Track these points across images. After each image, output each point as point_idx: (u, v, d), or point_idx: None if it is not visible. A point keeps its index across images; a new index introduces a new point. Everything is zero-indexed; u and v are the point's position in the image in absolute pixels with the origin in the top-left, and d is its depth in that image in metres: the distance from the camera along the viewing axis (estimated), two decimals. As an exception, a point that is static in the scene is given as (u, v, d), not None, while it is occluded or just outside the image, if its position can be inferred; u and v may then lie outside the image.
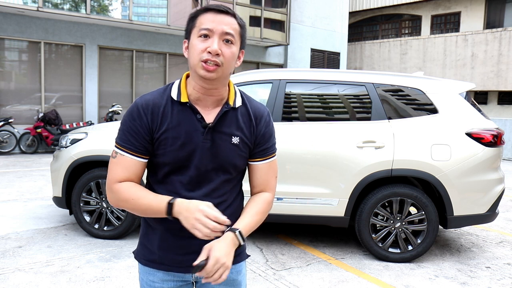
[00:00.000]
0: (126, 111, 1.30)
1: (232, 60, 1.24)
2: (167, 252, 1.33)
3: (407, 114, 3.95)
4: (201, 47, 1.20)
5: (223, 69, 1.22)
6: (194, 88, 1.28)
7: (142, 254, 1.39)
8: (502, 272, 3.74)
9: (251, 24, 13.42)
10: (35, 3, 9.90)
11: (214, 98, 1.29)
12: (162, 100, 1.28)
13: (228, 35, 1.22)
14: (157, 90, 1.32)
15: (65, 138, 4.48)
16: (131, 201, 1.24)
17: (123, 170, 1.26)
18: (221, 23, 1.21)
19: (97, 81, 11.74)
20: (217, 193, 1.32)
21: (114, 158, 1.28)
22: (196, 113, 1.27)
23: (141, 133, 1.25)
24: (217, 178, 1.31)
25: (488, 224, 5.17)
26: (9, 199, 5.74)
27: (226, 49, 1.22)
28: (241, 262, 1.43)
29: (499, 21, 16.66)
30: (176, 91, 1.29)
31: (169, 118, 1.26)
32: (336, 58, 16.77)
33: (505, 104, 15.99)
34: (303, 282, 3.39)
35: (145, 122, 1.25)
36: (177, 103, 1.28)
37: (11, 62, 10.75)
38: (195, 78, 1.26)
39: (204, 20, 1.22)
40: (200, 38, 1.21)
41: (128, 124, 1.26)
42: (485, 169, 3.81)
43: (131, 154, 1.26)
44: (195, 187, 1.29)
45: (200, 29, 1.21)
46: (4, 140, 10.18)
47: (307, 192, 3.89)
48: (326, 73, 4.21)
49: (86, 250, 3.92)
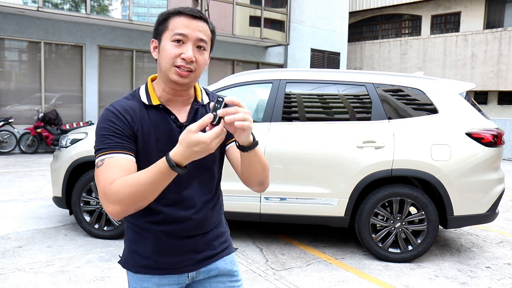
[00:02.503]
0: (100, 119, 1.23)
1: (204, 66, 1.26)
2: (163, 255, 1.31)
3: (407, 114, 3.95)
4: (175, 53, 1.20)
5: (195, 74, 1.23)
6: (164, 90, 1.27)
7: (133, 261, 1.33)
8: (502, 272, 3.74)
9: (251, 24, 13.41)
10: (35, 3, 9.90)
11: (183, 98, 1.31)
12: (135, 104, 1.26)
13: (201, 42, 1.22)
14: (124, 96, 1.30)
15: (65, 138, 4.48)
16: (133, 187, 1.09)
17: (114, 172, 1.14)
18: (195, 29, 1.21)
19: (97, 81, 11.74)
20: (204, 189, 1.33)
21: (100, 167, 1.16)
22: (169, 114, 1.27)
23: (125, 132, 1.20)
24: (200, 174, 1.31)
25: (488, 224, 5.17)
26: (9, 199, 5.74)
27: (199, 55, 1.23)
28: (232, 253, 1.45)
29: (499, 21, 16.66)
30: (145, 95, 1.28)
31: (146, 121, 1.25)
32: (336, 58, 16.77)
33: (505, 104, 15.99)
34: (303, 282, 3.39)
35: (126, 123, 1.21)
36: (149, 106, 1.27)
37: (11, 62, 10.75)
38: (165, 81, 1.25)
39: (178, 24, 1.21)
40: (173, 43, 1.20)
41: (108, 128, 1.19)
42: (485, 169, 3.81)
43: (120, 153, 1.17)
44: (182, 187, 1.28)
45: (174, 33, 1.20)
46: (4, 140, 10.18)
47: (307, 192, 3.89)
48: (326, 73, 4.21)
49: (86, 250, 3.92)
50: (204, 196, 1.33)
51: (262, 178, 1.29)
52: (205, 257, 1.36)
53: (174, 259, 1.32)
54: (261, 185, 1.31)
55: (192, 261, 1.34)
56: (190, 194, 1.30)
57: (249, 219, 4.03)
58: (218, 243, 1.40)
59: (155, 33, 1.26)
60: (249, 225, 4.85)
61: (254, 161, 1.22)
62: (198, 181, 1.31)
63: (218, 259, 1.39)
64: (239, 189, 3.92)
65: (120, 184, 1.11)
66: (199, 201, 1.31)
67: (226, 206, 3.93)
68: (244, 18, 13.28)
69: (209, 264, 1.37)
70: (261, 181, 1.30)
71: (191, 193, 1.30)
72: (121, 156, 1.17)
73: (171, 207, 1.28)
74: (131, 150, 1.20)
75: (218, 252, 1.40)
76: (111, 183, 1.12)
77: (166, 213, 1.28)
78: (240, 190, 3.91)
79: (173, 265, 1.32)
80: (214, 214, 1.37)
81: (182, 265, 1.33)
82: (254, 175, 1.27)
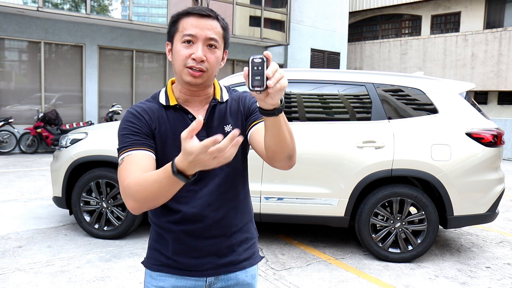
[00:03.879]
0: (121, 121, 1.27)
1: (217, 65, 1.25)
2: (182, 255, 1.29)
3: (407, 114, 3.95)
4: (185, 54, 1.20)
5: (208, 74, 1.23)
6: (181, 91, 1.29)
7: (154, 259, 1.33)
8: (502, 272, 3.74)
9: (251, 24, 13.42)
10: (35, 3, 9.90)
11: (201, 98, 1.30)
12: (154, 106, 1.29)
13: (212, 40, 1.21)
14: (145, 100, 1.33)
15: (65, 138, 4.48)
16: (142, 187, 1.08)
17: (134, 168, 1.15)
18: (204, 28, 1.20)
19: (97, 81, 11.74)
20: (223, 187, 1.29)
21: (121, 165, 1.18)
22: (187, 114, 1.28)
23: (144, 131, 1.24)
24: (221, 171, 1.28)
25: (488, 224, 5.16)
26: (9, 199, 5.74)
27: (210, 54, 1.22)
28: (255, 265, 1.40)
29: (499, 21, 16.66)
30: (164, 97, 1.31)
31: (164, 120, 1.27)
32: (336, 58, 16.78)
33: (505, 104, 15.99)
34: (303, 282, 3.39)
35: (145, 122, 1.25)
36: (167, 107, 1.29)
37: (11, 62, 10.75)
38: (180, 83, 1.27)
39: (187, 24, 1.21)
40: (184, 44, 1.21)
41: (128, 128, 1.23)
42: (485, 169, 3.81)
43: (141, 149, 1.19)
44: (201, 185, 1.27)
45: (183, 34, 1.21)
46: (4, 140, 10.18)
47: (307, 192, 3.89)
48: (326, 73, 4.21)
49: (86, 250, 3.92)
50: (225, 194, 1.30)
51: (291, 148, 1.17)
52: (227, 262, 1.32)
53: (195, 261, 1.29)
54: (291, 158, 1.19)
55: (213, 264, 1.30)
56: (209, 191, 1.27)
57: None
58: (243, 249, 1.36)
59: (168, 35, 1.28)
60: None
61: (283, 128, 1.10)
62: (220, 177, 1.28)
63: (241, 269, 1.35)
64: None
65: (133, 181, 1.10)
66: (219, 199, 1.29)
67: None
68: (244, 18, 13.28)
69: (230, 273, 1.33)
70: (290, 153, 1.18)
71: (210, 191, 1.27)
72: (139, 153, 1.19)
73: (189, 205, 1.27)
74: (149, 146, 1.22)
75: (242, 260, 1.35)
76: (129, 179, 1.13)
77: (185, 211, 1.26)
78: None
79: (193, 267, 1.30)
80: (237, 215, 1.33)
81: (202, 268, 1.30)
82: (284, 146, 1.14)
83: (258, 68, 0.91)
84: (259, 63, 0.91)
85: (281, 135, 1.12)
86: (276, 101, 1.01)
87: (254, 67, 0.91)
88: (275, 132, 1.11)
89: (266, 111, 1.05)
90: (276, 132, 1.11)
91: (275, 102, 1.01)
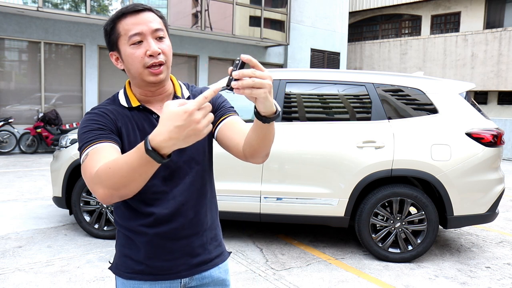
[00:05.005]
0: (81, 123, 1.20)
1: (171, 52, 1.22)
2: (156, 259, 1.26)
3: (407, 114, 3.95)
4: (140, 54, 1.16)
5: (167, 65, 1.20)
6: (141, 94, 1.26)
7: (125, 267, 1.29)
8: (502, 272, 3.74)
9: (251, 24, 13.41)
10: (35, 3, 9.90)
11: (162, 96, 1.27)
12: (116, 108, 1.25)
13: (158, 31, 1.18)
14: (103, 102, 1.28)
15: (65, 138, 4.48)
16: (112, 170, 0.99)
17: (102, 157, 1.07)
18: (146, 22, 1.16)
19: (97, 81, 11.74)
20: (195, 186, 1.28)
21: (86, 160, 1.10)
22: (151, 114, 1.25)
23: (108, 126, 1.18)
24: (191, 170, 1.27)
25: (488, 224, 5.17)
26: (9, 199, 5.74)
27: (162, 45, 1.18)
28: (227, 261, 1.42)
29: (499, 21, 16.66)
30: (124, 99, 1.26)
31: (130, 119, 1.23)
32: (336, 58, 16.78)
33: (505, 104, 15.99)
34: (303, 282, 3.39)
35: (109, 119, 1.20)
36: (129, 109, 1.25)
37: (11, 62, 10.75)
38: (141, 85, 1.23)
39: (128, 25, 1.16)
40: (134, 46, 1.16)
41: (90, 125, 1.16)
42: (485, 169, 3.81)
43: (104, 142, 1.13)
44: (171, 185, 1.24)
45: (129, 36, 1.16)
46: (4, 140, 10.18)
47: (307, 192, 3.89)
48: (326, 73, 4.21)
49: (86, 250, 3.92)
50: (196, 193, 1.28)
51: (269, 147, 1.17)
52: (200, 261, 1.32)
53: (168, 263, 1.27)
54: (267, 155, 1.20)
55: (187, 265, 1.29)
56: (181, 191, 1.25)
57: (249, 219, 4.03)
58: (213, 246, 1.36)
59: (110, 46, 1.22)
60: (249, 225, 4.85)
61: (271, 132, 1.10)
62: (190, 176, 1.26)
63: (214, 267, 1.35)
64: (239, 189, 3.92)
65: (102, 166, 1.02)
66: (192, 198, 1.27)
67: (225, 206, 3.93)
68: (244, 18, 13.28)
69: (204, 271, 1.33)
70: (268, 151, 1.18)
71: (182, 190, 1.25)
72: (105, 144, 1.11)
73: (162, 206, 1.24)
74: (115, 141, 1.16)
75: (214, 257, 1.35)
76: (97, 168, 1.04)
77: (157, 213, 1.23)
78: (239, 190, 3.91)
79: (167, 270, 1.27)
80: (207, 213, 1.33)
81: (176, 270, 1.28)
82: (266, 147, 1.15)
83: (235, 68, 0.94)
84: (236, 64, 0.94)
85: (266, 138, 1.12)
86: (261, 109, 1.00)
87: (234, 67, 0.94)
88: (262, 135, 1.11)
89: (258, 115, 1.04)
90: (262, 135, 1.10)
91: (262, 110, 1.01)
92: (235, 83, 0.92)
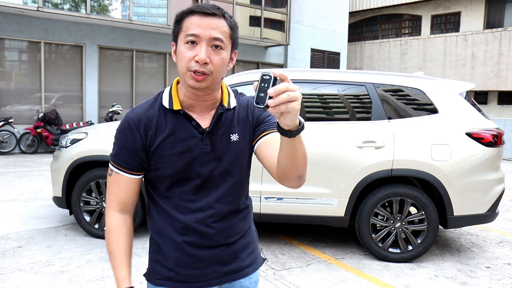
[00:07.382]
0: (119, 125, 1.24)
1: (222, 66, 1.16)
2: (185, 267, 1.25)
3: (407, 114, 3.95)
4: (189, 56, 1.13)
5: (213, 77, 1.15)
6: (185, 95, 1.21)
7: (156, 273, 1.28)
8: (502, 272, 3.74)
9: (251, 24, 13.42)
10: (35, 3, 9.90)
11: (207, 103, 1.23)
12: (153, 111, 1.22)
13: (216, 41, 1.13)
14: (147, 101, 1.26)
15: (65, 138, 4.48)
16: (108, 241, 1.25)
17: (119, 189, 1.24)
18: (208, 27, 1.12)
19: (97, 81, 11.74)
20: (227, 199, 1.24)
21: (110, 176, 1.25)
22: (190, 120, 1.21)
23: (135, 149, 1.20)
24: (225, 183, 1.24)
25: (488, 224, 5.17)
26: (9, 199, 5.74)
27: (215, 56, 1.13)
28: (258, 271, 1.37)
29: (499, 21, 16.66)
30: (168, 99, 1.23)
31: (163, 129, 1.20)
32: (336, 58, 16.78)
33: (505, 104, 15.99)
34: (303, 282, 3.39)
35: (138, 137, 1.20)
36: (169, 111, 1.22)
37: (11, 62, 10.75)
38: (185, 86, 1.19)
39: (190, 24, 1.13)
40: (187, 45, 1.13)
41: (121, 141, 1.21)
42: (485, 169, 3.81)
43: (126, 172, 1.22)
44: (202, 196, 1.23)
45: (186, 34, 1.13)
46: (4, 140, 10.18)
47: (307, 192, 3.89)
48: (326, 73, 4.21)
49: (86, 250, 3.92)
50: (228, 205, 1.25)
51: (303, 168, 1.12)
52: (231, 270, 1.29)
53: (198, 271, 1.25)
54: (301, 178, 1.15)
55: (217, 273, 1.27)
56: (211, 202, 1.23)
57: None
58: (246, 254, 1.33)
59: (173, 35, 1.21)
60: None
61: (297, 149, 1.07)
62: (223, 189, 1.24)
63: (245, 276, 1.32)
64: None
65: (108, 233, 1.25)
66: (222, 210, 1.25)
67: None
68: (244, 18, 13.28)
69: (234, 280, 1.30)
70: (301, 173, 1.13)
71: (213, 201, 1.23)
72: (125, 176, 1.23)
73: (191, 215, 1.23)
74: (136, 168, 1.24)
75: (246, 266, 1.32)
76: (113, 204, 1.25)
77: (187, 222, 1.22)
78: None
79: (196, 278, 1.26)
80: (239, 223, 1.30)
81: (205, 278, 1.26)
82: (295, 167, 1.10)
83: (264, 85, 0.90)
84: (266, 80, 0.90)
85: (294, 155, 1.08)
86: (288, 123, 0.97)
87: (262, 83, 0.90)
88: (288, 152, 1.07)
89: (281, 130, 1.01)
90: (289, 152, 1.07)
91: (288, 124, 0.97)
92: (272, 102, 0.88)
